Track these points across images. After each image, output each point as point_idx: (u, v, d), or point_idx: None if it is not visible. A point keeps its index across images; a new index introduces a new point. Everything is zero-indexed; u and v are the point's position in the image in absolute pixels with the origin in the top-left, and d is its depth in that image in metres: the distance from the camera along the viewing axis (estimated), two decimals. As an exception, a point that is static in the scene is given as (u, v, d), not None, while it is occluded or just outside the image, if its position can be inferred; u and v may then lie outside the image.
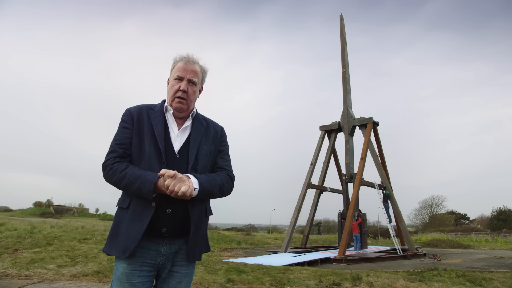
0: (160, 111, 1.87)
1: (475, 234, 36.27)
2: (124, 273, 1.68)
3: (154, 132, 1.79)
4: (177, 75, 1.86)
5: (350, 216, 15.38)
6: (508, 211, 46.55)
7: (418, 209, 56.72)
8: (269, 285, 6.27)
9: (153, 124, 1.81)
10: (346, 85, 19.14)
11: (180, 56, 1.91)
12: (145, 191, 1.65)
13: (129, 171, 1.69)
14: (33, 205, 45.45)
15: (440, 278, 7.52)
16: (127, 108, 1.90)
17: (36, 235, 10.72)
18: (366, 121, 17.90)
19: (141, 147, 1.78)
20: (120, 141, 1.79)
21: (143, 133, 1.80)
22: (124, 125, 1.83)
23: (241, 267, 8.02)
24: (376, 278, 7.08)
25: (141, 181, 1.66)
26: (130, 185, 1.67)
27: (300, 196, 17.08)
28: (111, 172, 1.71)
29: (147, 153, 1.76)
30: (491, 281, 7.24)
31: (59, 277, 6.28)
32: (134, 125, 1.81)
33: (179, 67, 1.88)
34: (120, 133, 1.81)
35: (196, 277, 6.52)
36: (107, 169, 1.73)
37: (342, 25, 20.09)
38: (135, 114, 1.84)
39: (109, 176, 1.72)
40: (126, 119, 1.84)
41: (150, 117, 1.84)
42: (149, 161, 1.75)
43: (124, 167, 1.71)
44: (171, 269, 1.79)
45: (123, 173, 1.69)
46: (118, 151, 1.76)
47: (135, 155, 1.78)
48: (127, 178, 1.67)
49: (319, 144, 18.80)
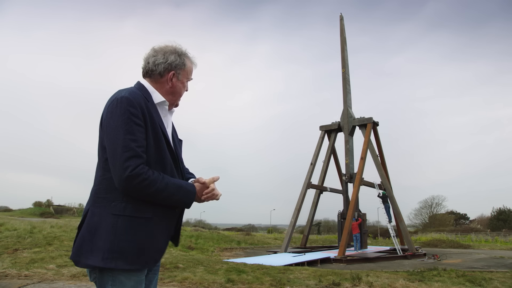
0: (153, 103, 1.65)
1: (475, 234, 36.29)
2: (137, 281, 1.52)
3: (163, 131, 1.61)
4: (191, 78, 1.80)
5: (350, 216, 15.39)
6: (508, 211, 46.56)
7: (418, 209, 56.79)
8: (269, 285, 6.27)
9: (158, 121, 1.61)
10: (346, 85, 19.15)
11: (185, 52, 1.76)
12: (187, 202, 1.57)
13: (169, 181, 1.52)
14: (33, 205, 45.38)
15: (440, 278, 7.52)
16: (128, 97, 1.51)
17: (36, 235, 10.72)
18: (366, 121, 17.91)
19: (159, 151, 1.57)
20: (139, 142, 1.47)
21: (157, 134, 1.57)
22: (137, 121, 1.49)
23: (241, 267, 8.02)
24: (376, 278, 7.08)
25: (184, 192, 1.55)
26: (172, 196, 1.51)
27: (300, 196, 17.09)
28: (148, 182, 1.44)
29: (169, 159, 1.61)
30: (491, 281, 7.24)
31: (59, 277, 6.28)
32: (146, 122, 1.53)
33: (191, 69, 1.79)
34: (137, 132, 1.48)
35: (196, 277, 6.53)
36: (140, 179, 1.43)
37: (342, 25, 20.10)
38: (144, 107, 1.54)
39: (145, 187, 1.44)
40: (137, 114, 1.50)
41: (152, 111, 1.60)
42: (170, 167, 1.61)
43: (160, 176, 1.50)
44: (154, 267, 1.73)
45: (164, 183, 1.48)
46: (143, 157, 1.47)
47: (151, 159, 1.53)
48: (169, 189, 1.50)
49: (319, 144, 18.80)
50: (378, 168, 17.35)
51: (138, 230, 1.48)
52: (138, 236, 1.47)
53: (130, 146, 1.44)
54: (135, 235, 1.47)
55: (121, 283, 1.47)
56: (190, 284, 6.10)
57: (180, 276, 6.50)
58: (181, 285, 6.03)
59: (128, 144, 1.44)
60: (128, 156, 1.43)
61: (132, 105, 1.49)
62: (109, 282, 1.47)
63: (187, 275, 6.56)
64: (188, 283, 6.12)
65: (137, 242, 1.47)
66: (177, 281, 6.18)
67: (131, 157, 1.43)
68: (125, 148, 1.43)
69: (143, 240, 1.49)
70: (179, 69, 1.72)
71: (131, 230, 1.47)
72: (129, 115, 1.47)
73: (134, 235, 1.47)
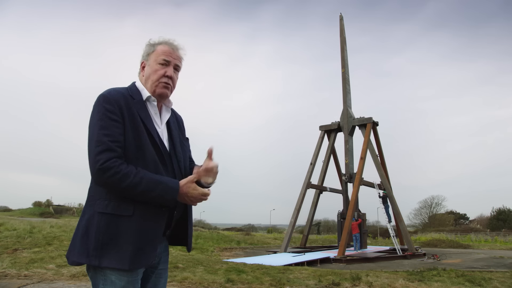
0: (142, 101, 1.62)
1: (475, 234, 36.32)
2: (130, 282, 1.50)
3: (148, 128, 1.56)
4: (163, 59, 1.64)
5: (349, 216, 15.39)
6: (507, 211, 46.59)
7: (417, 209, 56.79)
8: (269, 285, 6.27)
9: (142, 118, 1.56)
10: (345, 85, 19.15)
11: (163, 39, 1.69)
12: (168, 199, 1.49)
13: (145, 175, 1.46)
14: (33, 205, 45.33)
15: (439, 278, 7.52)
16: (105, 94, 1.53)
17: (36, 235, 10.71)
18: (366, 121, 17.91)
19: (139, 146, 1.52)
20: (113, 137, 1.46)
21: (137, 129, 1.53)
22: (112, 116, 1.49)
23: (240, 267, 8.02)
24: (376, 278, 7.08)
25: (163, 188, 1.47)
26: (148, 192, 1.45)
27: (300, 196, 17.09)
28: (119, 176, 1.42)
29: (150, 154, 1.54)
30: (491, 281, 7.25)
31: (58, 277, 6.27)
32: (124, 118, 1.51)
33: (165, 51, 1.66)
34: (111, 127, 1.47)
35: (195, 277, 6.53)
36: (111, 172, 1.42)
37: (342, 25, 20.10)
38: (123, 104, 1.53)
39: (116, 181, 1.42)
40: (113, 109, 1.50)
41: (136, 108, 1.58)
42: (153, 163, 1.54)
43: (135, 170, 1.46)
44: (159, 268, 1.69)
45: (138, 178, 1.44)
46: (116, 150, 1.45)
47: (131, 155, 1.50)
48: (145, 184, 1.44)
49: (318, 144, 18.80)
50: (378, 168, 17.35)
51: (119, 229, 1.46)
52: (118, 234, 1.45)
53: (103, 140, 1.44)
54: (115, 234, 1.45)
55: (112, 282, 1.46)
56: (189, 284, 6.10)
57: (180, 276, 6.50)
58: (180, 285, 6.03)
59: (101, 139, 1.45)
60: (100, 150, 1.43)
61: (108, 101, 1.50)
62: (101, 281, 1.48)
63: (187, 275, 6.56)
64: (188, 283, 6.12)
65: (118, 241, 1.45)
66: (177, 281, 6.18)
67: (103, 151, 1.43)
68: (98, 143, 1.44)
69: (124, 239, 1.45)
70: (148, 55, 1.69)
71: (111, 228, 1.45)
72: (104, 111, 1.48)
73: (114, 234, 1.45)
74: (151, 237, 1.50)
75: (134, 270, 1.49)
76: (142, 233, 1.47)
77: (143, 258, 1.48)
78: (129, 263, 1.44)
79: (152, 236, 1.51)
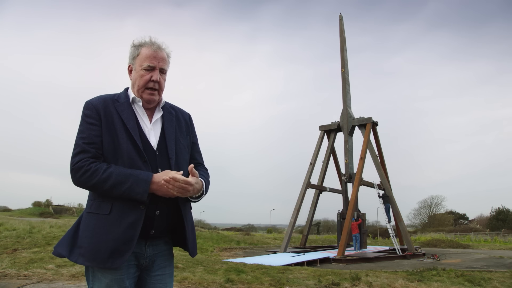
0: (127, 103, 1.68)
1: (474, 234, 36.32)
2: (114, 280, 1.52)
3: (127, 127, 1.61)
4: (148, 65, 1.67)
5: (349, 216, 15.39)
6: (507, 211, 46.62)
7: (417, 209, 56.81)
8: (268, 285, 6.27)
9: (124, 119, 1.62)
10: (345, 85, 19.15)
11: (144, 41, 1.71)
12: (139, 192, 1.49)
13: (115, 170, 1.51)
14: (32, 205, 45.27)
15: (439, 278, 7.53)
16: (87, 100, 1.66)
17: (35, 235, 10.71)
18: (366, 121, 17.92)
19: (116, 145, 1.58)
20: (88, 139, 1.56)
21: (114, 129, 1.60)
22: (89, 120, 1.60)
23: (240, 267, 8.02)
24: (375, 278, 7.09)
25: (134, 181, 1.50)
26: (118, 186, 1.49)
27: (300, 196, 17.09)
28: (89, 174, 1.50)
29: (126, 151, 1.58)
30: (490, 281, 7.25)
31: (58, 277, 6.27)
32: (101, 120, 1.60)
33: (148, 55, 1.67)
34: (87, 130, 1.58)
35: (195, 277, 6.52)
36: (81, 171, 1.51)
37: (342, 25, 20.10)
38: (101, 107, 1.62)
39: (86, 179, 1.50)
40: (90, 114, 1.61)
41: (118, 110, 1.64)
42: (129, 159, 1.57)
43: (105, 166, 1.53)
44: (155, 273, 1.67)
45: (107, 173, 1.50)
46: (90, 151, 1.55)
47: (108, 154, 1.58)
48: (114, 178, 1.49)
49: (318, 144, 18.81)
50: (378, 168, 17.36)
51: (96, 227, 1.53)
52: (95, 233, 1.52)
53: (78, 143, 1.57)
54: (92, 232, 1.52)
55: (98, 279, 1.54)
56: (189, 284, 6.10)
57: (179, 276, 6.50)
58: (180, 285, 6.03)
59: (77, 142, 1.58)
60: (75, 152, 1.56)
61: (87, 107, 1.64)
62: (90, 277, 1.58)
63: (187, 275, 6.56)
64: (188, 283, 6.12)
65: (94, 240, 1.51)
66: (177, 281, 6.18)
67: (78, 153, 1.55)
68: (75, 146, 1.58)
69: (99, 238, 1.50)
70: (133, 59, 1.73)
71: (90, 226, 1.54)
72: (83, 117, 1.63)
73: (92, 232, 1.52)
74: (127, 236, 1.50)
75: (114, 269, 1.52)
76: (117, 231, 1.50)
77: (117, 257, 1.49)
78: (103, 261, 1.48)
79: (128, 235, 1.51)
